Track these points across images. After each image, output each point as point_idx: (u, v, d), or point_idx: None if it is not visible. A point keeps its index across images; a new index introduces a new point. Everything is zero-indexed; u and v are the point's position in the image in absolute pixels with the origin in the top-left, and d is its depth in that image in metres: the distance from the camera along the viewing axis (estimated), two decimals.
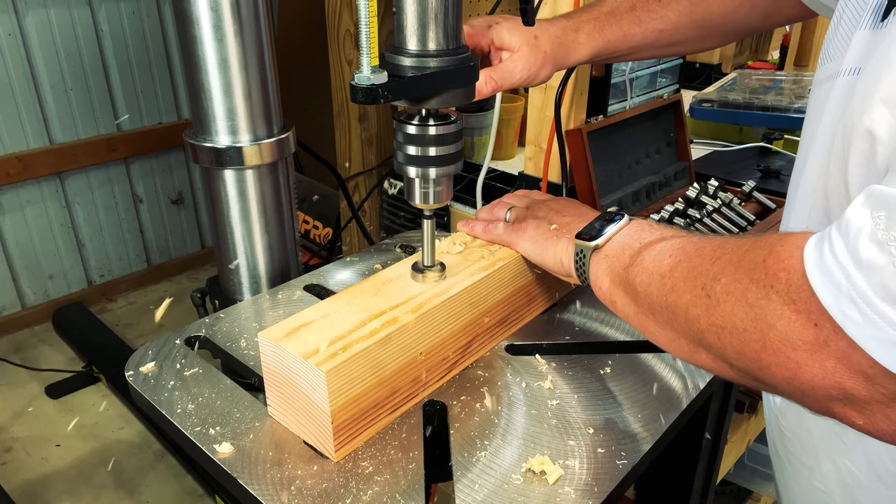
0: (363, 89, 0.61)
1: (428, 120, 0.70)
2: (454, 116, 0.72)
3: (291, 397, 0.66)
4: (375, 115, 1.57)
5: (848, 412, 0.46)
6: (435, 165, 0.71)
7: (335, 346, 0.64)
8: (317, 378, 0.61)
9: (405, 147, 0.71)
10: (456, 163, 0.73)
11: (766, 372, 0.48)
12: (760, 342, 0.48)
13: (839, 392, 0.45)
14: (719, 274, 0.52)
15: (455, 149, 0.72)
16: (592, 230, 0.70)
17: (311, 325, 0.67)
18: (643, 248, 0.64)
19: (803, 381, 0.46)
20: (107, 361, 2.40)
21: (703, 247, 0.57)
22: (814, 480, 0.70)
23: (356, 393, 0.64)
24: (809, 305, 0.44)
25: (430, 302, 0.71)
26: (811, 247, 0.46)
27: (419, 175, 0.72)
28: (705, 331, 0.53)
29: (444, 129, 0.70)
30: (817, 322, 0.44)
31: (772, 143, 1.67)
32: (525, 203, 0.85)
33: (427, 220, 0.75)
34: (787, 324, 0.46)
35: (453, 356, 0.76)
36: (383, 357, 0.66)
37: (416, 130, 0.70)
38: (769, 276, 0.47)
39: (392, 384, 0.68)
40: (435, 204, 0.74)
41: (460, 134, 0.72)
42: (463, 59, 0.68)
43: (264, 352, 0.67)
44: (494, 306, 0.80)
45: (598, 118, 1.29)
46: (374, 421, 0.67)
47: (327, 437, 0.64)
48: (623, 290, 0.65)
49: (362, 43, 0.61)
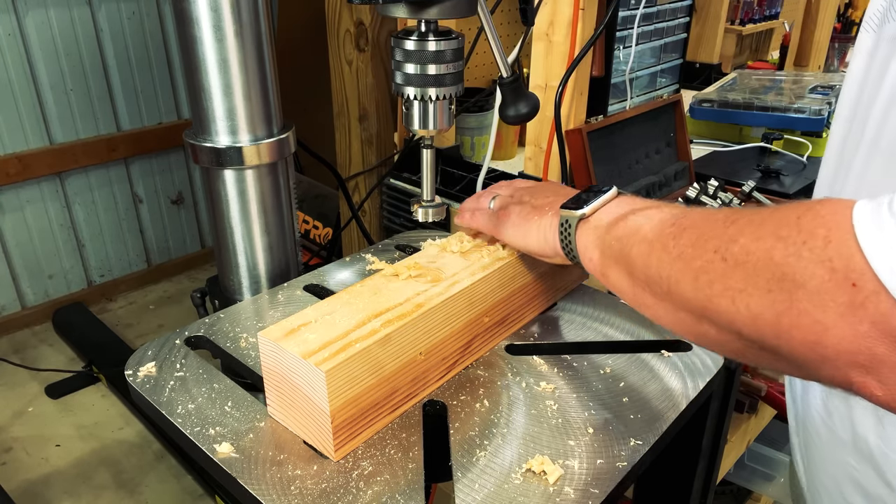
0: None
1: (427, 35, 0.67)
2: (455, 33, 0.68)
3: (291, 397, 0.66)
4: (375, 115, 1.57)
5: (868, 381, 0.43)
6: (434, 85, 0.68)
7: (335, 345, 0.63)
8: (316, 378, 0.61)
9: (403, 66, 0.67)
10: (456, 84, 0.69)
11: (783, 337, 0.45)
12: (786, 303, 0.44)
13: (867, 358, 0.42)
14: (737, 235, 0.49)
15: (455, 68, 0.68)
16: (578, 200, 0.67)
17: (311, 324, 0.67)
18: (636, 216, 0.61)
19: (828, 345, 0.43)
20: (107, 361, 2.40)
21: (713, 213, 0.54)
22: (847, 457, 0.69)
23: (356, 393, 0.64)
24: (849, 263, 0.41)
25: (430, 301, 0.71)
26: (864, 204, 0.43)
27: (418, 96, 0.69)
28: (717, 296, 0.49)
29: (445, 44, 0.67)
30: (856, 282, 0.41)
31: (772, 143, 1.67)
32: (509, 191, 0.83)
33: (426, 149, 0.73)
34: (820, 283, 0.42)
35: (453, 356, 0.75)
36: (383, 357, 0.66)
37: (414, 46, 0.66)
38: (802, 233, 0.44)
39: (392, 384, 0.68)
40: (434, 129, 0.71)
41: (461, 51, 0.69)
42: None
43: (264, 351, 0.67)
44: (494, 306, 0.79)
45: (598, 118, 1.29)
46: (373, 421, 0.67)
47: (327, 437, 0.63)
48: (615, 261, 0.62)
49: None
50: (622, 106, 1.34)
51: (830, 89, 1.78)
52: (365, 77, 1.52)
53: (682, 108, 1.47)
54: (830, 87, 1.79)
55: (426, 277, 0.75)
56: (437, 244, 0.84)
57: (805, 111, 1.65)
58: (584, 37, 1.15)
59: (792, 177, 1.53)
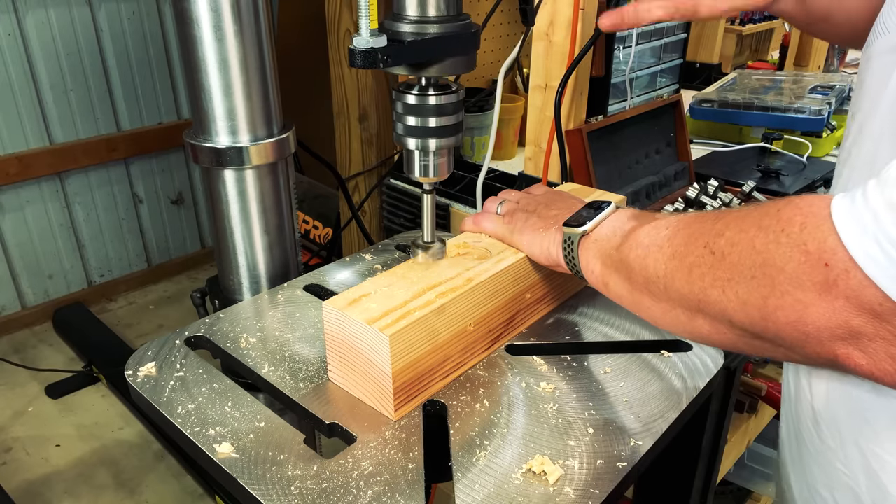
0: (362, 53, 0.61)
1: (428, 90, 0.69)
2: (455, 86, 0.70)
3: (353, 362, 0.71)
4: (375, 115, 1.57)
5: (851, 353, 0.46)
6: (435, 137, 0.70)
7: (395, 313, 0.68)
8: (380, 342, 0.66)
9: (404, 118, 0.70)
10: (456, 134, 0.72)
11: (770, 319, 0.49)
12: (769, 287, 0.48)
13: (845, 331, 0.46)
14: (723, 229, 0.53)
15: (455, 120, 0.71)
16: (580, 217, 0.71)
17: (371, 295, 0.72)
18: (635, 228, 0.64)
19: (809, 322, 0.47)
20: (107, 361, 2.40)
21: (703, 215, 0.58)
22: (837, 463, 0.69)
23: (414, 357, 0.69)
24: (822, 245, 0.45)
25: (479, 276, 0.76)
26: (840, 196, 0.46)
27: (419, 147, 0.71)
28: (709, 287, 0.53)
29: (445, 98, 0.69)
30: (828, 262, 0.45)
31: (772, 144, 1.67)
32: (517, 197, 0.87)
33: (427, 194, 0.75)
34: (797, 265, 0.46)
35: (498, 328, 0.81)
36: (438, 325, 0.71)
37: (415, 100, 0.69)
38: (781, 222, 0.48)
39: (444, 352, 0.73)
40: (435, 177, 0.74)
41: (461, 104, 0.71)
42: (463, 25, 0.67)
43: (328, 319, 0.71)
44: (537, 283, 0.84)
45: (598, 118, 1.29)
46: (428, 385, 0.72)
47: (388, 398, 0.69)
48: (615, 270, 0.66)
49: (361, 6, 0.60)
50: (622, 106, 1.34)
51: (830, 89, 1.78)
52: (365, 77, 1.52)
53: (682, 108, 1.47)
54: (830, 87, 1.79)
55: (473, 255, 0.80)
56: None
57: (805, 111, 1.65)
58: (584, 37, 1.15)
59: (792, 177, 1.53)
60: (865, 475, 0.66)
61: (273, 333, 0.84)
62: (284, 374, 0.76)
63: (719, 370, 0.77)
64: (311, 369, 0.77)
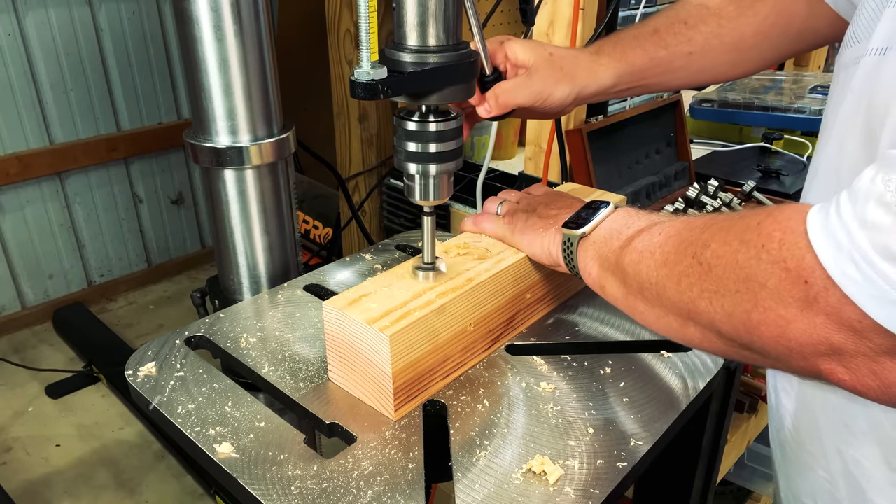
0: (363, 84, 0.62)
1: (428, 116, 0.70)
2: (454, 113, 0.72)
3: (353, 361, 0.71)
4: (375, 115, 1.57)
5: (834, 368, 0.47)
6: (435, 162, 0.72)
7: (395, 313, 0.69)
8: (380, 342, 0.66)
9: (405, 144, 0.71)
10: (456, 159, 0.73)
11: (755, 333, 0.50)
12: (752, 302, 0.49)
13: (826, 347, 0.46)
14: (709, 240, 0.54)
15: (455, 145, 0.72)
16: (579, 219, 0.72)
17: (371, 295, 0.72)
18: (634, 233, 0.65)
19: (791, 337, 0.47)
20: (107, 361, 2.40)
21: (693, 220, 0.58)
22: (818, 470, 0.70)
23: (414, 357, 0.69)
24: (801, 263, 0.46)
25: (479, 276, 0.76)
26: (816, 210, 0.47)
27: (419, 172, 0.72)
28: (697, 298, 0.54)
29: (445, 125, 0.70)
30: (808, 279, 0.45)
31: (772, 143, 1.67)
32: (517, 197, 0.87)
33: (427, 216, 0.75)
34: (778, 282, 0.47)
35: (498, 329, 0.80)
36: (438, 325, 0.71)
37: (416, 127, 0.70)
38: (762, 237, 0.49)
39: (445, 352, 0.73)
40: (435, 200, 0.75)
41: (460, 130, 0.73)
42: (463, 54, 0.68)
43: (328, 319, 0.71)
44: (536, 283, 0.84)
45: (598, 118, 1.29)
46: (428, 385, 0.72)
47: (388, 398, 0.68)
48: (612, 273, 0.66)
49: (362, 38, 0.61)
50: (622, 106, 1.34)
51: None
52: None
53: (682, 108, 1.47)
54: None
55: (473, 255, 0.80)
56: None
57: (805, 111, 1.65)
58: (584, 37, 1.15)
59: (792, 177, 1.53)
60: (845, 481, 0.66)
61: (273, 333, 0.84)
62: (284, 373, 0.76)
63: (719, 370, 0.77)
64: (311, 369, 0.77)
